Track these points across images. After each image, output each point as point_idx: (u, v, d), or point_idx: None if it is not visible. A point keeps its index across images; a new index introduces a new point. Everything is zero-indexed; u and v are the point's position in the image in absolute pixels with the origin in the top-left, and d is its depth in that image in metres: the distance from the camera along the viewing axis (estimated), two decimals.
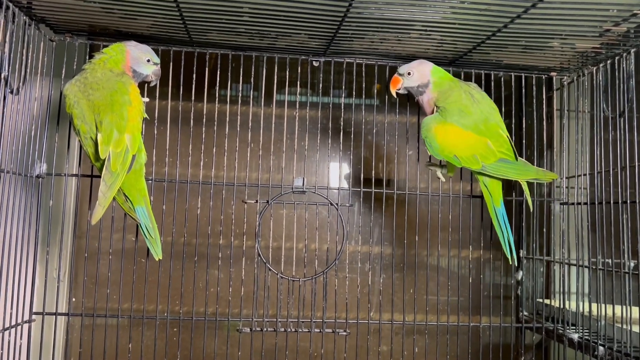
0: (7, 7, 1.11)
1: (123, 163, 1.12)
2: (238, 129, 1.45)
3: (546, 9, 1.02)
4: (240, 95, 1.44)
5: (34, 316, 1.30)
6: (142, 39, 1.32)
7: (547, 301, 1.61)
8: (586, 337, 1.35)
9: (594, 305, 1.36)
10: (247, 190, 1.44)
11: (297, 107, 1.45)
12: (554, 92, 1.54)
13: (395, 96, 1.35)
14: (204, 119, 1.41)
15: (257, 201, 1.38)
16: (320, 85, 1.60)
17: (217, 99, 1.38)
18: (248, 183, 1.42)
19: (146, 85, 1.30)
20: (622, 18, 1.05)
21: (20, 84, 1.20)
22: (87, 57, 1.50)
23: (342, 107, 1.46)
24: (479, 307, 1.66)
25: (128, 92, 1.16)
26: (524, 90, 1.48)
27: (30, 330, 1.29)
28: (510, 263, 1.32)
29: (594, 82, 1.37)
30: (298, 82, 1.44)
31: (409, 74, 1.29)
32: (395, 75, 1.32)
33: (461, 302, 1.67)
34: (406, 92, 1.34)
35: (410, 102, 1.41)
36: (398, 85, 1.32)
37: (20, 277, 1.22)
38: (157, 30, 1.27)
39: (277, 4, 1.06)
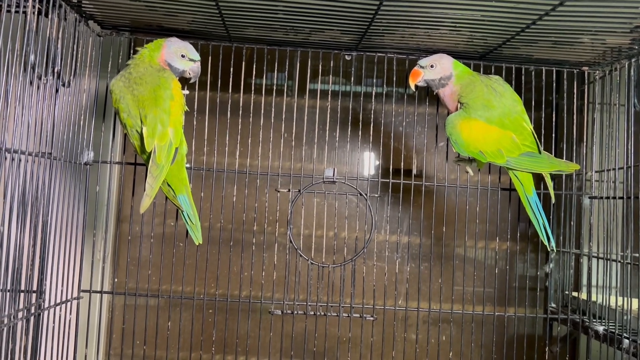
0: (60, 6, 1.19)
1: (167, 155, 1.19)
2: (272, 120, 1.50)
3: (574, 7, 1.03)
4: (275, 86, 1.49)
5: (81, 294, 1.40)
6: (182, 34, 1.39)
7: (575, 294, 1.62)
8: (611, 330, 1.36)
9: (621, 299, 1.37)
10: (280, 180, 1.50)
11: (330, 98, 1.49)
12: (587, 85, 1.53)
13: (414, 89, 1.35)
14: (240, 110, 1.47)
15: (289, 190, 1.44)
16: (352, 77, 1.64)
17: (252, 90, 1.44)
18: (281, 172, 1.47)
19: (187, 81, 1.36)
20: None
21: (71, 77, 1.28)
22: (132, 52, 1.58)
23: (373, 98, 1.49)
24: (507, 299, 1.69)
25: (170, 87, 1.21)
26: (554, 85, 1.48)
27: (79, 307, 1.38)
28: (549, 249, 1.33)
29: (627, 76, 1.37)
30: (331, 74, 1.48)
31: (431, 66, 1.28)
32: (416, 68, 1.31)
33: (489, 293, 1.70)
34: (425, 85, 1.33)
35: (430, 95, 1.43)
36: (418, 79, 1.30)
37: (69, 257, 1.31)
38: (197, 26, 1.33)
39: (310, 2, 1.11)
